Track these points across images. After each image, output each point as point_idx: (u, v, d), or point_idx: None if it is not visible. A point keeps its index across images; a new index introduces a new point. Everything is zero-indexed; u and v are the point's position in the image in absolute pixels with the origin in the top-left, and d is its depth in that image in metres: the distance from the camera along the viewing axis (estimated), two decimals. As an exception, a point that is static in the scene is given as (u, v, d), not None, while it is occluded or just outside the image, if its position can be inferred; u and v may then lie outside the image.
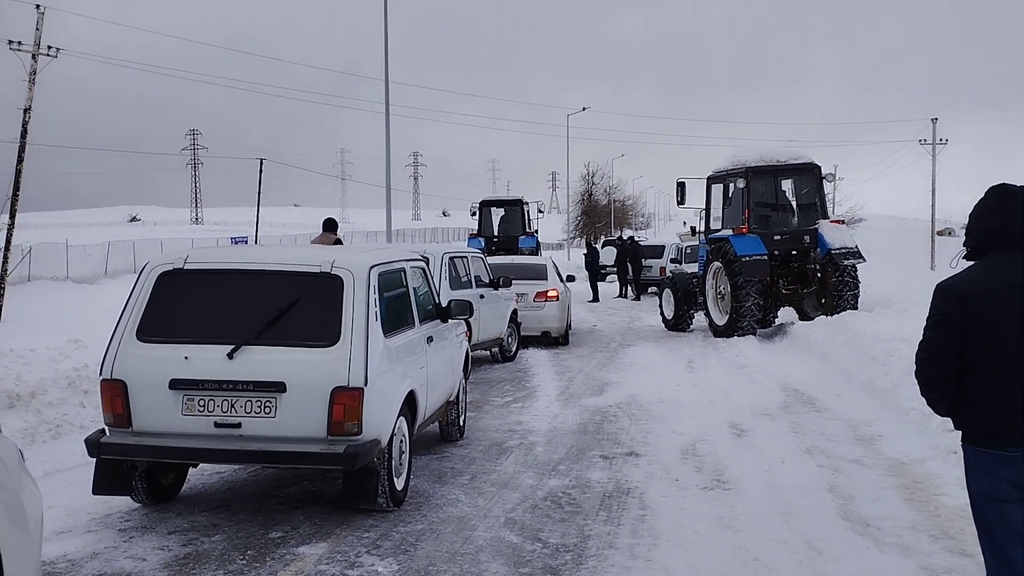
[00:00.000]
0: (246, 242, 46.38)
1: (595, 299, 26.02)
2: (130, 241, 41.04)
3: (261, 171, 42.64)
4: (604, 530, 5.58)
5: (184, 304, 5.71)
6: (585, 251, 30.55)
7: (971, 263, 3.41)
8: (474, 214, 28.71)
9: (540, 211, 29.54)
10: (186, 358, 5.45)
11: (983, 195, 3.40)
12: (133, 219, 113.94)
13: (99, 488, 5.75)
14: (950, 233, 78.29)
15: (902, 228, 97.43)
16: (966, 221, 3.57)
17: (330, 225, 12.13)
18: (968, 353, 3.26)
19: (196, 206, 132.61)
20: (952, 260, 4.55)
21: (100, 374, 5.64)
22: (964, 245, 3.47)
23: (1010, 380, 3.20)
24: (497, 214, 29.02)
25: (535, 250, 26.82)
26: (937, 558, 5.02)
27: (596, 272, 27.74)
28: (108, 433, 5.61)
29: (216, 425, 5.44)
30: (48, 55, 19.38)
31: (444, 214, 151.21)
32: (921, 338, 3.41)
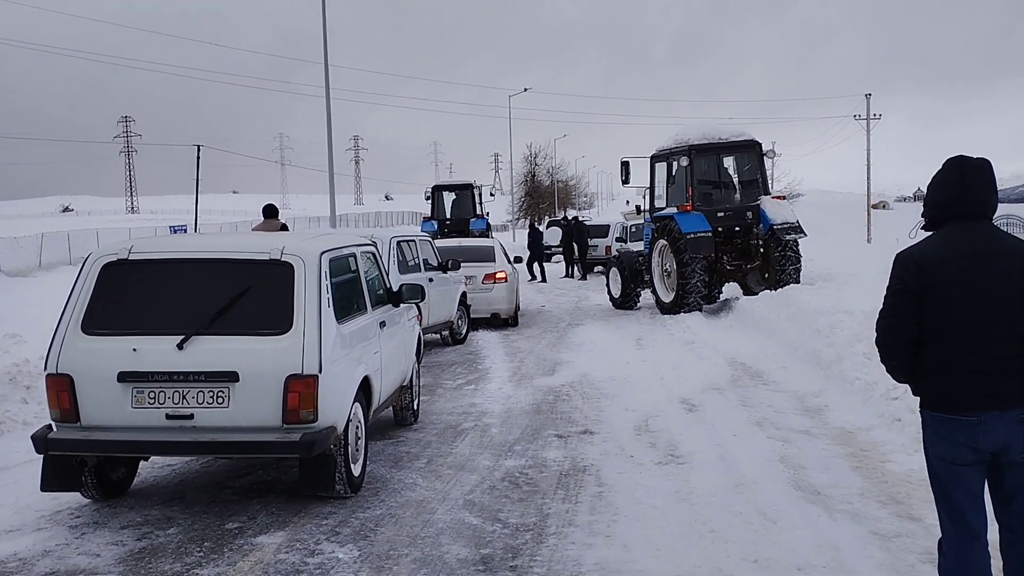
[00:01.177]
0: (185, 231, 45.51)
1: (543, 279, 26.17)
2: (64, 232, 39.94)
3: (199, 158, 41.81)
4: (563, 508, 5.62)
5: (130, 295, 5.59)
6: (528, 231, 30.72)
7: (929, 233, 3.48)
8: (427, 198, 29.55)
9: (491, 194, 30.34)
10: (134, 350, 5.34)
11: (940, 167, 3.46)
12: (66, 209, 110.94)
13: (47, 485, 5.63)
14: (884, 206, 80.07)
15: (838, 203, 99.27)
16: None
17: (271, 211, 11.92)
18: (926, 321, 3.34)
19: (131, 195, 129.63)
20: (911, 231, 4.67)
21: (45, 369, 5.50)
22: (922, 216, 3.53)
23: (967, 347, 3.28)
24: (449, 198, 29.88)
25: (486, 232, 27.35)
26: (886, 523, 5.16)
27: (540, 253, 27.86)
28: (55, 429, 5.48)
29: (168, 417, 5.35)
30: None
31: (387, 198, 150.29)
32: (881, 306, 3.47)
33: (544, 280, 26.16)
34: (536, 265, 26.94)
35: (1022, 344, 3.27)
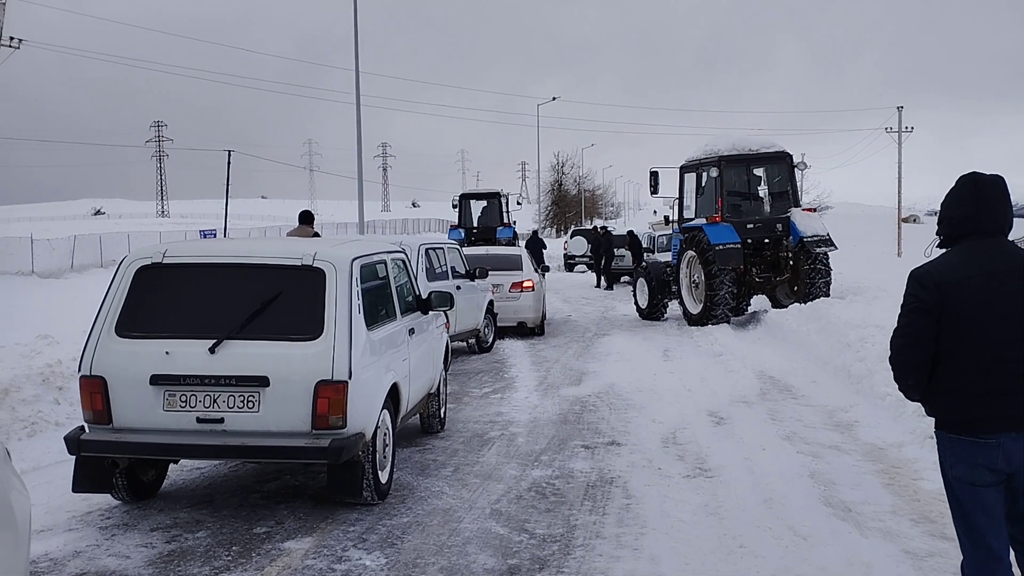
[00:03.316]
0: (215, 235, 45.84)
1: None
2: (96, 235, 40.44)
3: (229, 163, 42.13)
4: (590, 520, 5.59)
5: (164, 298, 5.64)
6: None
7: (944, 250, 3.45)
8: (455, 206, 29.53)
9: (518, 203, 30.37)
10: (167, 353, 5.39)
11: (955, 184, 3.43)
12: (97, 212, 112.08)
13: (79, 486, 5.68)
14: (915, 220, 79.28)
15: (868, 215, 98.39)
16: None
17: (306, 218, 12.00)
18: (943, 340, 3.28)
19: (162, 199, 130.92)
20: (926, 248, 4.65)
21: (79, 370, 5.55)
22: (937, 233, 3.50)
23: (984, 367, 3.23)
24: (477, 206, 29.88)
25: (512, 240, 27.36)
26: (919, 542, 5.09)
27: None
28: (88, 430, 5.53)
29: (198, 420, 5.38)
30: (10, 46, 19.05)
31: (414, 205, 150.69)
32: (896, 324, 3.42)
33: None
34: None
35: None
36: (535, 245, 27.95)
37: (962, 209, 3.36)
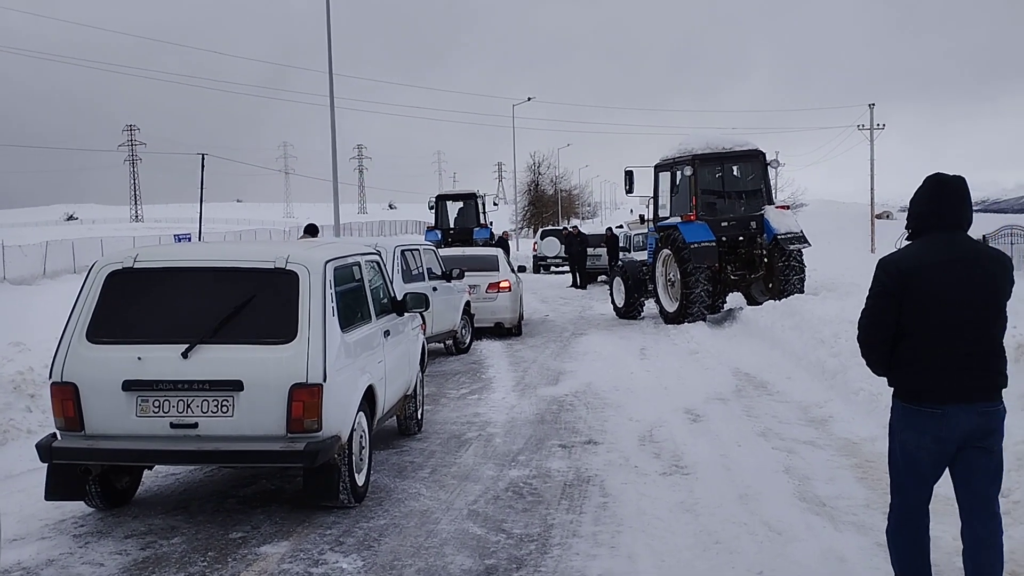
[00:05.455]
0: (189, 239, 45.52)
1: None
2: (69, 240, 40.05)
3: (203, 166, 41.82)
4: (567, 519, 5.61)
5: (135, 303, 5.59)
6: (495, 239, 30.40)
7: (909, 242, 3.83)
8: (431, 208, 29.52)
9: (495, 204, 30.34)
10: (139, 358, 5.34)
11: (922, 183, 3.80)
12: (70, 218, 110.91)
13: (52, 494, 5.62)
14: (888, 216, 80.00)
15: (842, 212, 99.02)
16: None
17: (312, 230, 12.58)
18: (904, 320, 3.67)
19: (135, 203, 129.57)
20: (896, 240, 4.97)
21: (50, 377, 5.49)
22: (906, 227, 3.87)
23: (938, 345, 3.62)
24: (453, 207, 29.89)
25: (489, 241, 27.39)
26: (892, 534, 5.13)
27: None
28: (60, 437, 5.47)
29: (172, 426, 5.34)
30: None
31: (390, 207, 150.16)
32: (864, 306, 3.81)
33: None
34: None
35: (990, 343, 3.64)
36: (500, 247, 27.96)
37: (927, 206, 3.75)
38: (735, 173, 17.17)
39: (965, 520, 3.75)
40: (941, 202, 3.71)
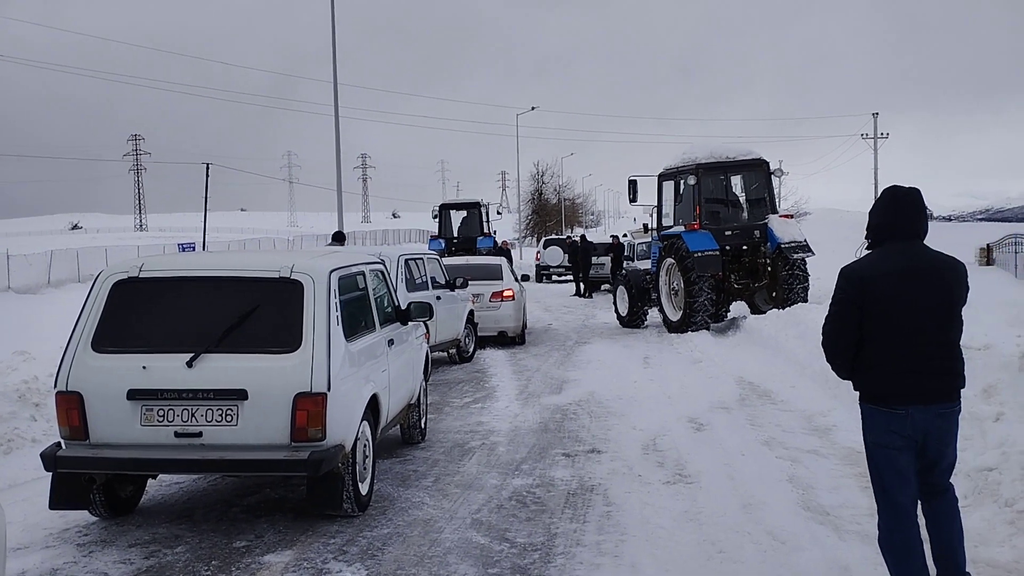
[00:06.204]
0: (194, 248, 45.64)
1: None
2: (73, 250, 40.05)
3: (208, 176, 41.94)
4: (570, 528, 5.61)
5: (141, 313, 5.62)
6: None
7: (869, 251, 4.01)
8: (435, 217, 29.52)
9: (499, 212, 30.41)
10: (144, 368, 5.36)
11: (879, 196, 3.99)
12: (75, 227, 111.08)
13: (56, 503, 5.63)
14: (892, 225, 79.84)
15: (845, 221, 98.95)
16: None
17: (339, 237, 12.89)
18: (866, 326, 3.84)
19: (140, 212, 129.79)
20: (857, 250, 5.28)
21: (55, 386, 5.51)
22: (865, 238, 4.04)
23: (899, 349, 3.80)
24: (457, 216, 29.93)
25: (492, 250, 27.35)
26: (896, 544, 5.12)
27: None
28: (64, 446, 5.49)
29: (176, 435, 5.36)
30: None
31: (394, 215, 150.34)
32: (827, 313, 4.00)
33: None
34: None
35: (947, 348, 3.83)
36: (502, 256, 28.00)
37: (883, 217, 3.93)
38: (739, 182, 17.20)
39: (927, 512, 4.00)
40: (897, 213, 3.88)
